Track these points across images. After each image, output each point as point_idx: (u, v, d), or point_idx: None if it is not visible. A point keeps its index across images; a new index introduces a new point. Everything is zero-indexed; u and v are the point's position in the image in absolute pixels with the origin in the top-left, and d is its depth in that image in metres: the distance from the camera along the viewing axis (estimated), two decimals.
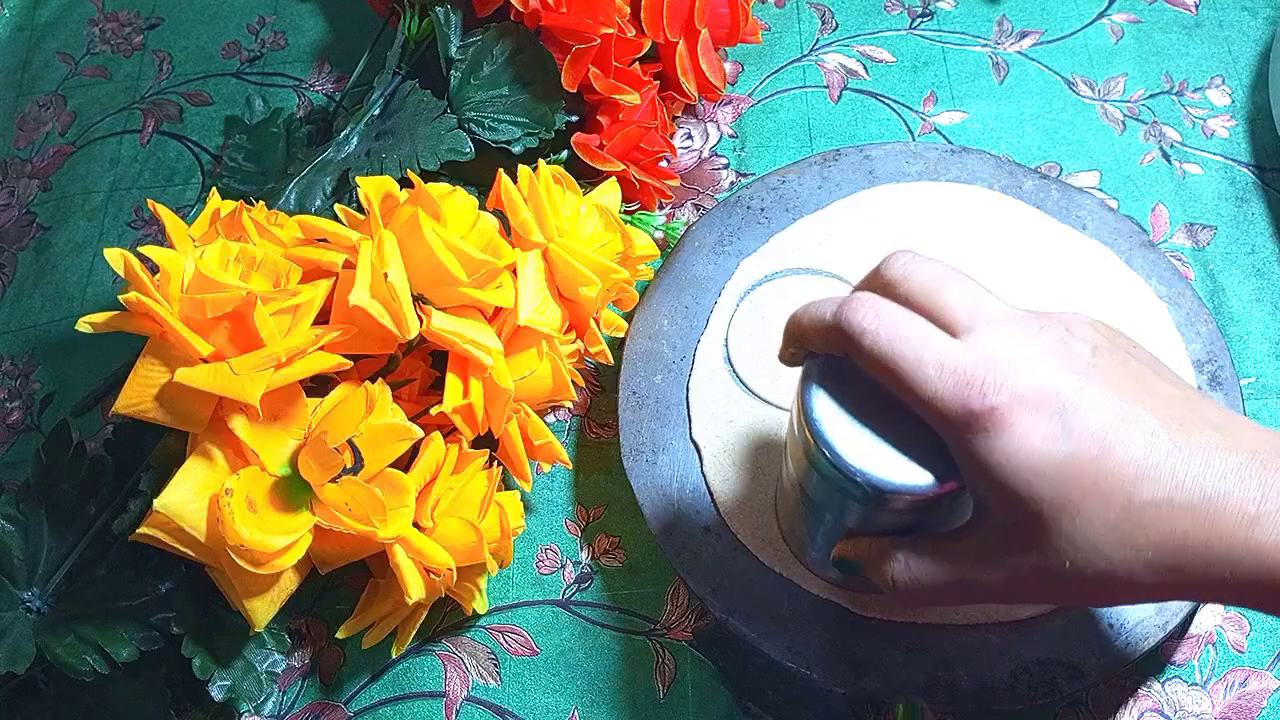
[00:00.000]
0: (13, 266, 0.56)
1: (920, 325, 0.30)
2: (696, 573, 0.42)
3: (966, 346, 0.29)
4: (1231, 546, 0.27)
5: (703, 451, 0.45)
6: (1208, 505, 0.27)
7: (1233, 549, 0.27)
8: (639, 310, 0.49)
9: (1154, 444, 0.28)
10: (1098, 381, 0.29)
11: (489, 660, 0.44)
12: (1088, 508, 0.28)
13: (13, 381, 0.53)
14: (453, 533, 0.39)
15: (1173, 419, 0.29)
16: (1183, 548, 0.28)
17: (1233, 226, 0.51)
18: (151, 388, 0.35)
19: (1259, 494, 0.27)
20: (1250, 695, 0.41)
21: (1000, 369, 0.29)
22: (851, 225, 0.50)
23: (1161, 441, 0.28)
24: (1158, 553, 0.28)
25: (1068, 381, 0.29)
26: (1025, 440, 0.28)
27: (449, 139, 0.47)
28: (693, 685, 0.43)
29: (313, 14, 0.63)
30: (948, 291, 0.31)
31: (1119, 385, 0.29)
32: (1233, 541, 0.27)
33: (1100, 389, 0.29)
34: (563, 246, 0.41)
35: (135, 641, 0.38)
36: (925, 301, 0.31)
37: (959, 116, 0.55)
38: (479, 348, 0.39)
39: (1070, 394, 0.28)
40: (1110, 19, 0.58)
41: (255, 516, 0.35)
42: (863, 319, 0.30)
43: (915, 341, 0.29)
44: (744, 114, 0.57)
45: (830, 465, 0.31)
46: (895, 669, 0.40)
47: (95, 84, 0.62)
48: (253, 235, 0.40)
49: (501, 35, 0.48)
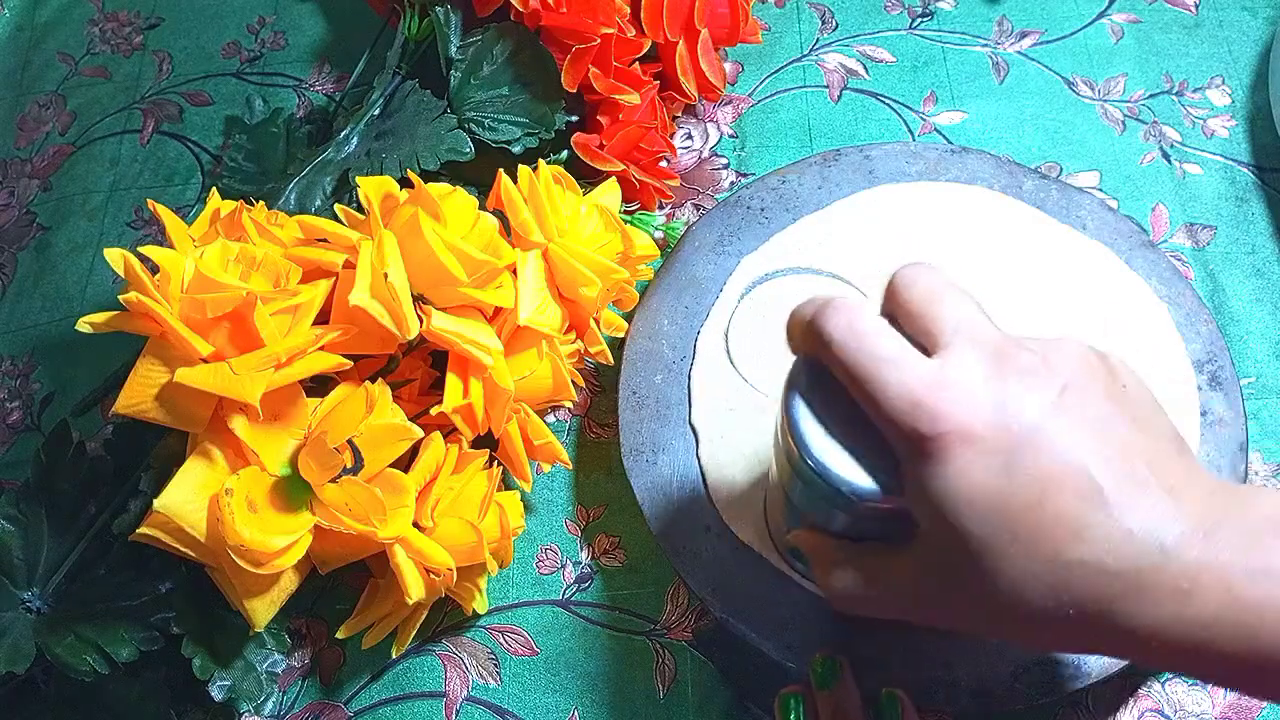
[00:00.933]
0: (13, 266, 0.56)
1: (891, 341, 0.30)
2: (696, 573, 0.42)
3: (931, 369, 0.29)
4: (1159, 619, 0.26)
5: (700, 437, 0.45)
6: (1138, 576, 0.27)
7: (1160, 621, 0.26)
8: (639, 310, 0.49)
9: (1094, 502, 0.27)
10: (1056, 424, 0.28)
11: (489, 660, 0.44)
12: (1016, 552, 0.28)
13: (13, 381, 0.53)
14: (453, 533, 0.39)
15: (1125, 477, 0.27)
16: (1108, 611, 0.27)
17: (1233, 226, 0.51)
18: (151, 388, 0.35)
19: (1194, 569, 0.26)
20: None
21: (957, 397, 0.28)
22: (851, 225, 0.50)
23: (1103, 501, 0.27)
24: (1081, 610, 0.27)
25: (1023, 420, 0.28)
26: (965, 474, 0.28)
27: (449, 139, 0.47)
28: (693, 685, 0.43)
29: (313, 14, 0.63)
30: (941, 305, 0.30)
31: (1078, 431, 0.28)
32: (1161, 614, 0.26)
33: (1056, 433, 0.28)
34: (563, 246, 0.41)
35: (135, 641, 0.38)
36: (918, 312, 0.30)
37: (959, 116, 0.55)
38: (479, 348, 0.39)
39: (1021, 434, 0.28)
40: (1110, 19, 0.58)
41: (255, 516, 0.35)
42: (834, 327, 0.30)
43: (882, 356, 0.29)
44: (744, 114, 0.57)
45: (799, 456, 0.31)
46: (895, 669, 0.40)
47: (95, 84, 0.62)
48: (253, 235, 0.40)
49: (501, 35, 0.48)
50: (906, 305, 0.31)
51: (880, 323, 0.30)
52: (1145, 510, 0.27)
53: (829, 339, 0.30)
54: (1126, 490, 0.27)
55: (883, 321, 0.30)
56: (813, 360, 0.32)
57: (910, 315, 0.31)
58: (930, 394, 0.28)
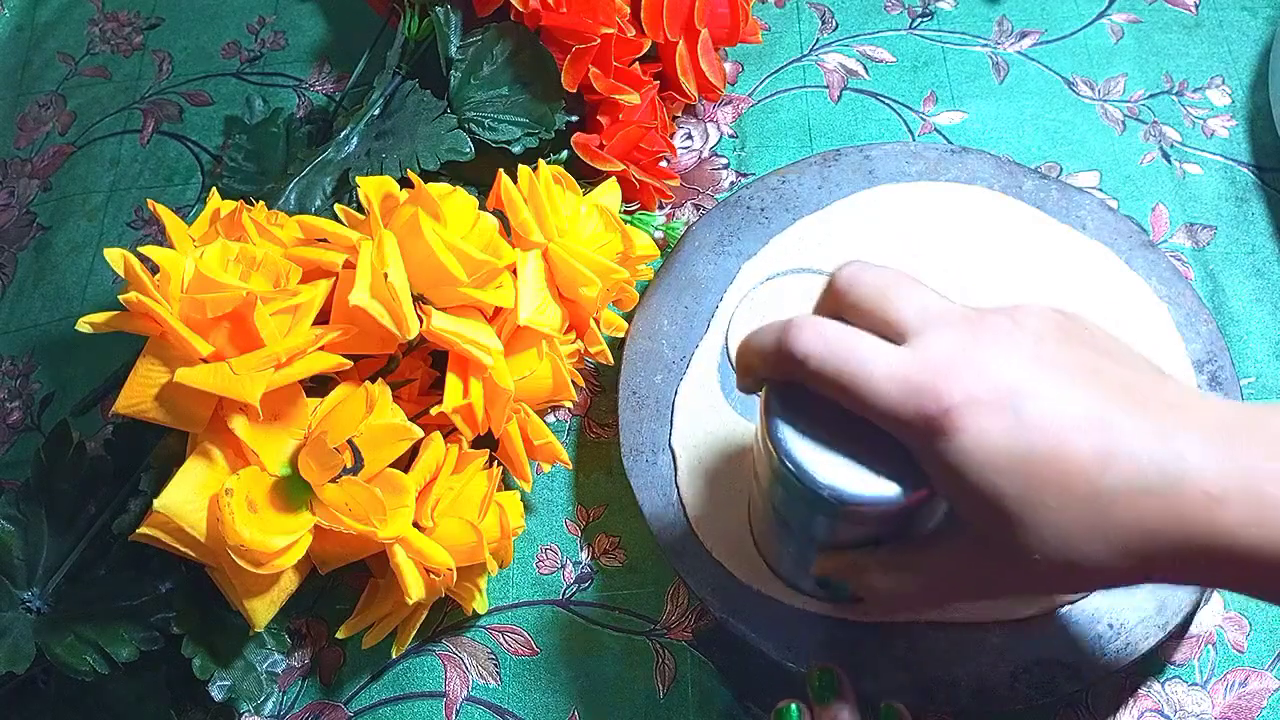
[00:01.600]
0: (13, 266, 0.56)
1: (864, 340, 0.30)
2: (696, 573, 0.42)
3: (914, 353, 0.29)
4: (1198, 530, 0.27)
5: (678, 460, 0.45)
6: (1169, 488, 0.27)
7: (1200, 533, 0.27)
8: (639, 310, 0.49)
9: (1111, 429, 0.28)
10: (1047, 370, 0.29)
11: (489, 660, 0.44)
12: (1052, 500, 0.28)
13: (13, 381, 0.53)
14: (453, 533, 0.39)
15: (1128, 402, 0.28)
16: (1150, 533, 0.27)
17: (1233, 226, 0.51)
18: (151, 388, 0.35)
19: (1218, 473, 0.27)
20: (1250, 695, 0.41)
21: (950, 371, 0.28)
22: (851, 225, 0.50)
23: (1118, 425, 0.28)
24: (1126, 540, 0.28)
25: (1017, 374, 0.28)
26: (983, 439, 0.28)
27: (449, 139, 0.47)
28: (693, 685, 0.43)
29: (313, 14, 0.63)
30: (893, 296, 0.30)
31: (1069, 372, 0.29)
32: (1198, 525, 0.27)
33: (1050, 378, 0.28)
34: (563, 246, 0.41)
35: (135, 641, 0.38)
36: (873, 308, 0.31)
37: (959, 116, 0.55)
38: (479, 348, 0.39)
39: (1020, 386, 0.28)
40: (1110, 19, 0.58)
41: (255, 516, 0.35)
42: (806, 344, 0.30)
43: (862, 356, 0.29)
44: (744, 114, 0.57)
45: (798, 483, 0.31)
46: (895, 669, 0.40)
47: (95, 84, 0.62)
48: (253, 235, 0.40)
49: (501, 35, 0.48)
50: (858, 304, 0.31)
51: (847, 328, 0.30)
52: (1159, 426, 0.28)
53: (805, 356, 0.30)
54: (1133, 411, 0.28)
55: (848, 326, 0.30)
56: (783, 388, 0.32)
57: (863, 313, 0.31)
58: (924, 375, 0.28)
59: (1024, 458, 0.28)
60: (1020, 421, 0.28)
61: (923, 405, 0.28)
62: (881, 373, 0.29)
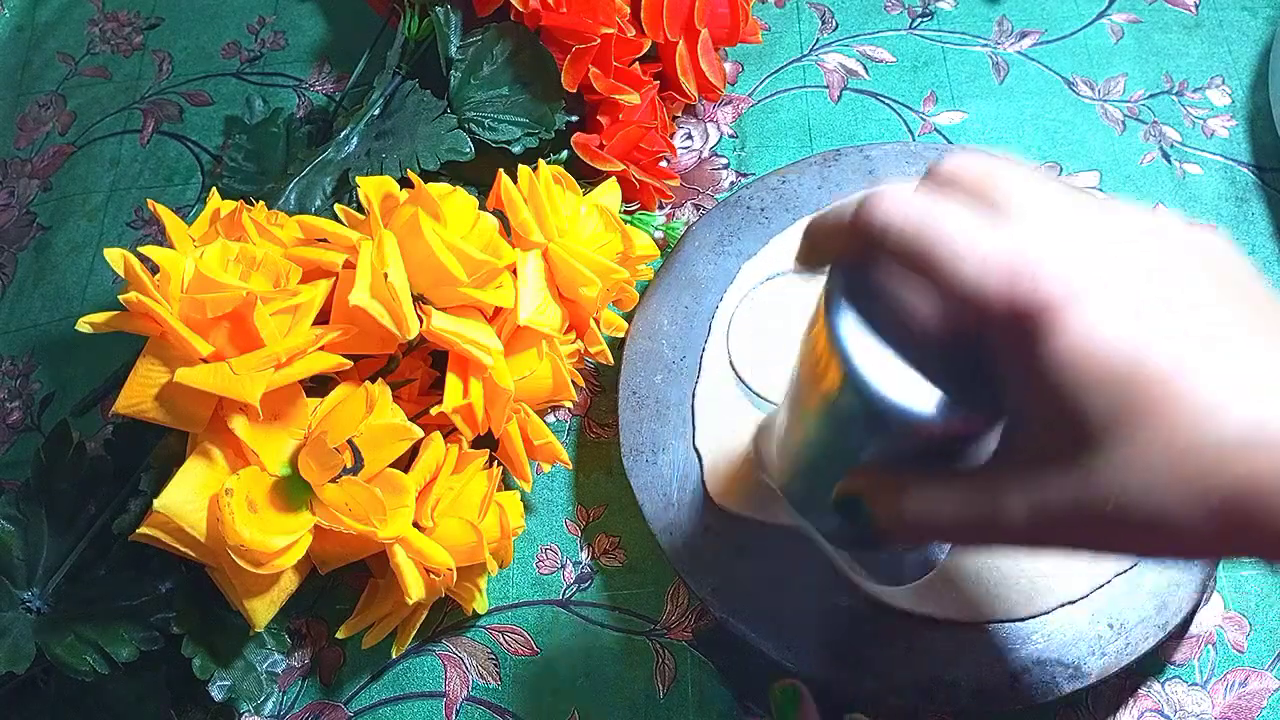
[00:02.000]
0: (13, 266, 0.56)
1: (958, 212, 0.25)
2: (696, 573, 0.42)
3: (1018, 231, 0.24)
4: None
5: (704, 460, 0.45)
6: None
7: None
8: (639, 310, 0.49)
9: (1245, 366, 0.22)
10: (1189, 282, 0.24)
11: (489, 660, 0.44)
12: (1148, 434, 0.23)
13: (13, 381, 0.53)
14: (453, 533, 0.39)
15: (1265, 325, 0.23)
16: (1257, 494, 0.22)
17: (1233, 226, 0.51)
18: (151, 388, 0.35)
19: None
20: (1250, 695, 0.41)
21: (1059, 255, 0.24)
22: None
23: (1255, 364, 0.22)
24: (1225, 499, 0.22)
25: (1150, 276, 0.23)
26: (1084, 341, 0.23)
27: (449, 139, 0.47)
28: (693, 685, 0.43)
29: (313, 14, 0.63)
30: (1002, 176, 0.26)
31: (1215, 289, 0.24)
32: None
33: (1190, 291, 0.23)
34: (563, 246, 0.41)
35: (135, 641, 0.38)
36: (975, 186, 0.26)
37: (959, 116, 0.55)
38: (479, 348, 0.39)
39: (1150, 292, 0.23)
40: (1110, 19, 0.58)
41: (255, 516, 0.35)
42: (887, 212, 0.26)
43: (950, 228, 0.25)
44: (744, 114, 0.57)
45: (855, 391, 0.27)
46: (895, 669, 0.40)
47: (95, 84, 0.62)
48: (253, 235, 0.40)
49: (501, 35, 0.48)
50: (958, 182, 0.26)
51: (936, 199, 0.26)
52: None
53: (885, 226, 0.26)
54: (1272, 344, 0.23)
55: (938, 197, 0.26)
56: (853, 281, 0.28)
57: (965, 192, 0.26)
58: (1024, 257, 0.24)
59: (1127, 376, 0.23)
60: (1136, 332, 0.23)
61: (1016, 291, 0.24)
62: (972, 246, 0.24)
